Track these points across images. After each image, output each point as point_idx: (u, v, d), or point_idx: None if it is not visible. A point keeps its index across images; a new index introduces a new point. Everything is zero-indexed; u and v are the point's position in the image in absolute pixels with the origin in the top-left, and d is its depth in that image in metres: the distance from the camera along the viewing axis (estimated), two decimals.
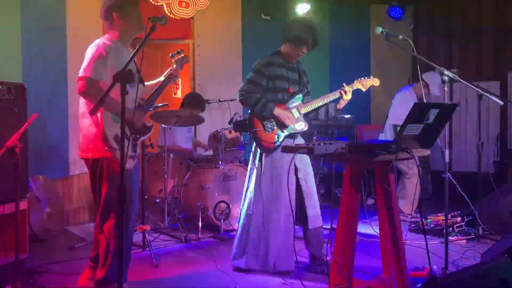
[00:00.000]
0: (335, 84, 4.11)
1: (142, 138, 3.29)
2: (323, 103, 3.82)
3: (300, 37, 3.73)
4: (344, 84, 3.79)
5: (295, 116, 3.80)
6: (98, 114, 3.03)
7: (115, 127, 3.03)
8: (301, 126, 3.83)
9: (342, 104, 3.83)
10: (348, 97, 3.77)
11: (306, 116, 3.88)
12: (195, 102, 5.75)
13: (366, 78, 3.88)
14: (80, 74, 3.02)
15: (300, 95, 3.87)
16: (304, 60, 3.98)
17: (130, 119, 3.06)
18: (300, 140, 3.91)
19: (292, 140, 3.82)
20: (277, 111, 3.72)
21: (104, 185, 3.14)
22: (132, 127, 3.14)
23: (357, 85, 3.83)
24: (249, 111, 3.79)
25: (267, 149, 3.73)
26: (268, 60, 3.78)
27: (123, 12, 3.14)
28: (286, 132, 3.78)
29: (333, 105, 3.88)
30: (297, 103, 3.84)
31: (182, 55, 3.47)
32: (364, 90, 3.88)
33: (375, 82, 3.90)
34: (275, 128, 3.75)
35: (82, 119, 3.17)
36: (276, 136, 3.75)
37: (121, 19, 3.15)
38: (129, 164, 3.09)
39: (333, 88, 3.95)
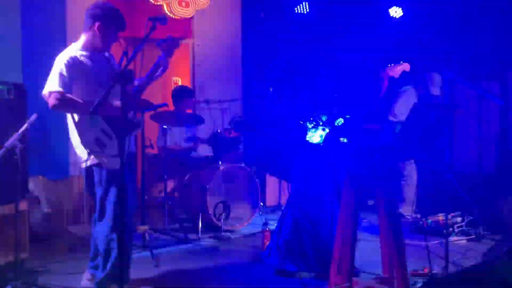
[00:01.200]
0: None
1: (130, 135, 3.27)
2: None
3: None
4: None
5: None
6: (71, 124, 3.08)
7: (93, 130, 3.04)
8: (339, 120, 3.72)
9: None
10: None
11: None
12: (179, 92, 5.76)
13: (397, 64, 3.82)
14: (46, 88, 3.06)
15: None
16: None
17: (109, 117, 3.05)
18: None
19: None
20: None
21: (97, 190, 3.18)
22: (114, 126, 3.11)
23: (389, 72, 3.78)
24: None
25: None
26: None
27: (106, 26, 3.15)
28: (327, 130, 3.68)
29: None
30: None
31: (169, 42, 3.28)
32: (396, 77, 3.80)
33: (406, 67, 3.82)
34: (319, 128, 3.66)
35: (70, 130, 3.20)
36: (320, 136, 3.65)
37: (100, 32, 3.15)
38: (116, 163, 3.02)
39: None
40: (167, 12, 6.03)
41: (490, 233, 4.68)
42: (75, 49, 3.16)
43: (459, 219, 4.81)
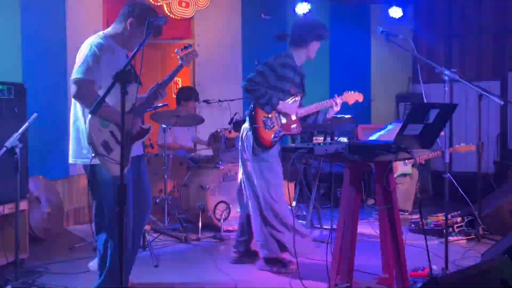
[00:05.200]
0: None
1: (137, 142, 3.18)
2: (316, 110, 3.98)
3: (323, 35, 3.88)
4: (336, 95, 3.94)
5: (293, 118, 3.93)
6: (86, 120, 2.92)
7: (103, 132, 2.92)
8: (296, 128, 3.94)
9: (331, 114, 3.98)
10: (337, 108, 3.93)
11: (300, 120, 3.99)
12: (187, 94, 5.78)
13: (352, 92, 4.00)
14: (73, 76, 2.93)
15: (298, 98, 3.97)
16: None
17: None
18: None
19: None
20: (282, 104, 3.83)
21: (95, 193, 3.08)
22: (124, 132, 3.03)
23: (346, 97, 3.97)
24: (252, 105, 3.83)
25: (264, 147, 3.78)
26: (284, 61, 3.85)
27: (138, 25, 3.07)
28: (283, 132, 3.87)
29: (323, 113, 4.04)
30: (294, 104, 3.94)
31: (190, 50, 3.35)
32: (349, 104, 4.00)
33: (360, 97, 4.02)
34: (274, 126, 3.83)
35: (76, 123, 3.07)
36: (274, 134, 3.82)
37: (131, 27, 3.08)
38: (117, 170, 2.83)
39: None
40: (167, 12, 6.02)
41: (490, 233, 4.68)
42: (102, 37, 3.05)
43: (458, 219, 4.81)
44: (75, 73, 2.94)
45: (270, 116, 3.82)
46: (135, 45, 3.11)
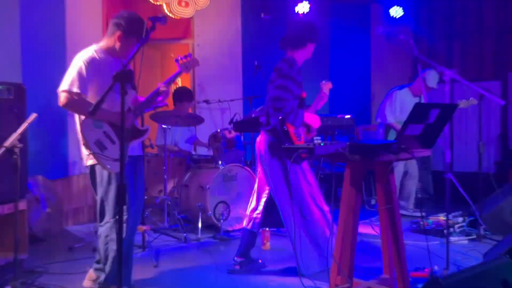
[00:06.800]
0: (334, 84, 4.13)
1: (134, 142, 3.28)
2: (318, 106, 3.97)
3: (315, 38, 3.81)
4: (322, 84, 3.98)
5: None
6: (77, 121, 3.11)
7: (96, 132, 3.07)
8: (314, 131, 3.88)
9: (321, 105, 4.01)
10: (326, 99, 3.99)
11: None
12: (180, 95, 5.76)
13: (324, 81, 4.02)
14: (60, 87, 3.09)
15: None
16: (304, 60, 3.98)
17: (116, 123, 3.09)
18: None
19: None
20: (307, 115, 3.76)
21: (98, 190, 3.23)
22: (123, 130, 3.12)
23: (323, 87, 3.99)
24: (280, 122, 3.61)
25: (302, 158, 3.64)
26: (297, 67, 3.71)
27: (127, 37, 3.16)
28: (308, 138, 3.82)
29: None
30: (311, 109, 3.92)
31: (190, 59, 3.43)
32: (327, 93, 4.00)
33: (329, 84, 4.03)
34: (301, 135, 3.74)
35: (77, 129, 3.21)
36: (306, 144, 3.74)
37: (120, 41, 3.19)
38: (115, 167, 3.06)
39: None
40: (167, 12, 6.02)
41: (491, 233, 4.67)
42: (94, 50, 3.19)
43: (460, 219, 4.80)
44: (62, 84, 3.11)
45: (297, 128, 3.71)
46: (128, 53, 3.22)
